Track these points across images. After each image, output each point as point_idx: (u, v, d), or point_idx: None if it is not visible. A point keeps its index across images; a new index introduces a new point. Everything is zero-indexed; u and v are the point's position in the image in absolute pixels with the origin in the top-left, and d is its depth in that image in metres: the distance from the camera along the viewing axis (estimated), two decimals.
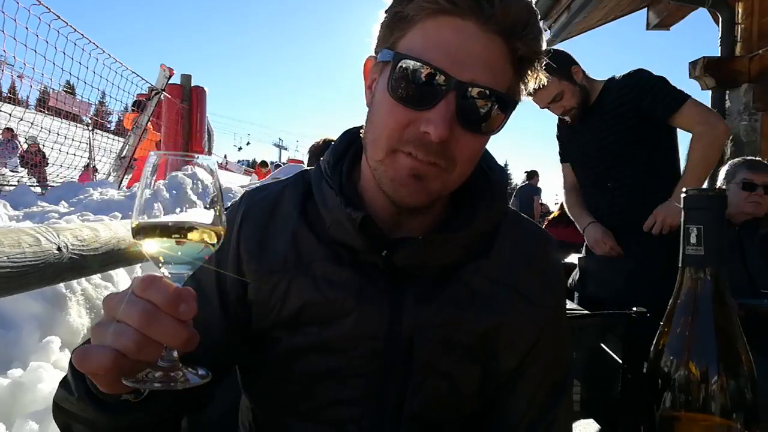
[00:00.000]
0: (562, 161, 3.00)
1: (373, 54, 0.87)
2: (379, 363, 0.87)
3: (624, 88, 2.52)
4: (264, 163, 13.86)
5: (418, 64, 0.76)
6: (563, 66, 2.55)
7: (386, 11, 0.82)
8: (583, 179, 2.83)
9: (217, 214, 0.66)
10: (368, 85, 0.88)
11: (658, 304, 0.72)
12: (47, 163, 6.45)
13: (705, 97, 4.98)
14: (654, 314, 1.97)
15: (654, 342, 0.67)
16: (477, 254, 0.90)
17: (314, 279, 0.87)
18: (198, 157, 0.69)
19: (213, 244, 0.66)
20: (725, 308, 0.64)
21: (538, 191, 10.85)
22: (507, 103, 0.80)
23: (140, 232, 0.63)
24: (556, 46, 2.92)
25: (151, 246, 0.63)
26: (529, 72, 0.82)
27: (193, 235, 0.64)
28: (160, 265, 0.64)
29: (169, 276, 0.64)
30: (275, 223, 0.92)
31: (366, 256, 0.87)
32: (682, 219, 0.65)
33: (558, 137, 2.94)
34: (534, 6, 0.79)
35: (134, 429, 0.74)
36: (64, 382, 0.74)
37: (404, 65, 0.77)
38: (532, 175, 11.34)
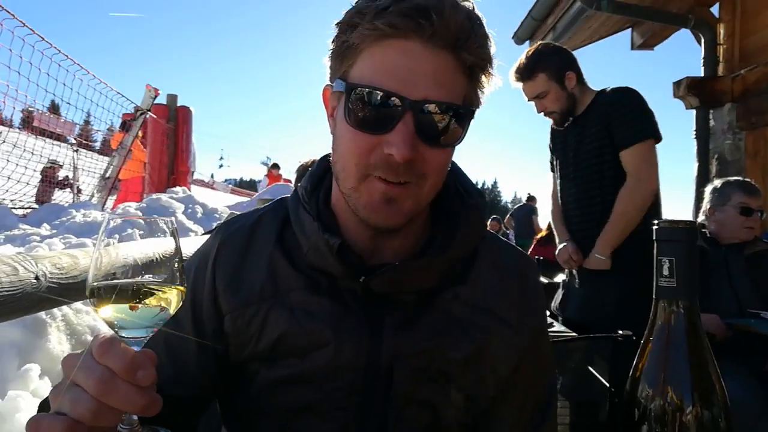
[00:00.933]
0: (552, 170, 2.86)
1: (330, 83, 0.87)
2: (358, 395, 0.85)
3: (604, 105, 2.45)
4: (276, 165, 13.67)
5: (371, 90, 0.77)
6: (558, 67, 2.48)
7: (333, 41, 0.83)
8: (562, 193, 2.72)
9: (177, 271, 0.64)
10: (330, 113, 0.88)
11: (642, 328, 0.71)
12: (73, 187, 6.32)
13: (689, 117, 5.06)
14: (640, 338, 1.92)
15: (630, 373, 0.66)
16: (455, 279, 0.90)
17: (291, 309, 0.86)
18: (156, 218, 0.67)
19: (171, 307, 0.63)
20: (698, 340, 0.64)
21: (535, 210, 11.68)
22: (464, 114, 0.81)
23: (93, 294, 0.61)
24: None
25: (106, 311, 0.61)
26: (483, 77, 0.83)
27: (149, 300, 0.61)
28: (116, 329, 0.62)
29: (127, 340, 0.62)
30: (251, 254, 0.91)
31: (344, 282, 0.87)
32: (654, 251, 0.64)
33: (550, 147, 2.82)
34: (475, 13, 0.79)
35: None
36: None
37: (358, 94, 0.78)
38: (530, 199, 12.32)
